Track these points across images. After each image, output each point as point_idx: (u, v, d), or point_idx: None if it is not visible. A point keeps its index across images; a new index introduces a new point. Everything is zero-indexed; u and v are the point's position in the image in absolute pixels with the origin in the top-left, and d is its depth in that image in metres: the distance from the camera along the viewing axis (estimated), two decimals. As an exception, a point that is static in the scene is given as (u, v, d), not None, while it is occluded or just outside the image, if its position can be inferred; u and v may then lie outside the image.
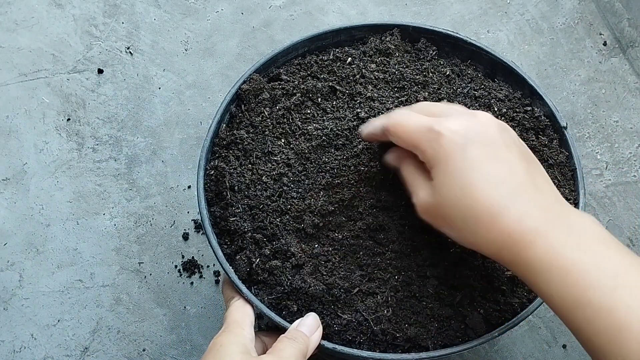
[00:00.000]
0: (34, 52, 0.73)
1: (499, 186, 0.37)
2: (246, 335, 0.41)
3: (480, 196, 0.37)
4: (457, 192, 0.37)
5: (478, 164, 0.37)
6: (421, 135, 0.40)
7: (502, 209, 0.36)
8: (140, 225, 0.63)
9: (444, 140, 0.38)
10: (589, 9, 0.76)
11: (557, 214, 0.37)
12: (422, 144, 0.39)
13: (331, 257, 0.46)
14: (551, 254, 0.35)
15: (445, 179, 0.38)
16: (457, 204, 0.37)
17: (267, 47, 0.74)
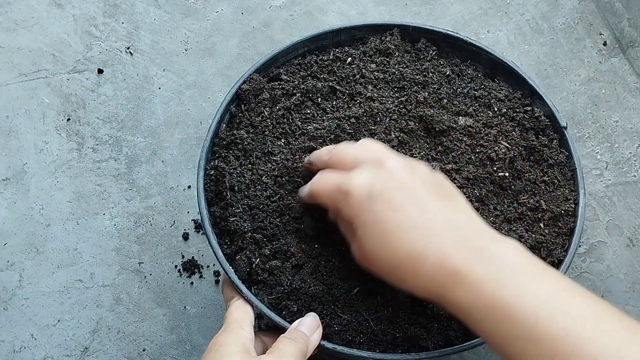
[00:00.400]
0: (34, 52, 0.73)
1: (413, 231, 0.37)
2: (246, 335, 0.41)
3: (398, 245, 0.37)
4: (375, 245, 0.38)
5: (387, 215, 0.38)
6: (334, 197, 0.41)
7: (420, 254, 0.37)
8: (140, 225, 0.63)
9: (351, 200, 0.39)
10: (589, 9, 0.76)
11: (475, 249, 0.37)
12: (337, 205, 0.41)
13: (331, 257, 0.46)
14: (475, 294, 0.35)
15: (363, 234, 0.39)
16: (379, 255, 0.38)
17: (267, 47, 0.74)
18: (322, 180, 0.43)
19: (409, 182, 0.39)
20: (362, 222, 0.39)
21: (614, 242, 0.62)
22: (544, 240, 0.47)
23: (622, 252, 0.62)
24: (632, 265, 0.61)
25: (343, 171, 0.42)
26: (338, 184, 0.41)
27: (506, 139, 0.51)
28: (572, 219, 0.48)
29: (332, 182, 0.42)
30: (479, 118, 0.52)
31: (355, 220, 0.39)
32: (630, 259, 0.62)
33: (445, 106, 0.52)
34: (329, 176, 0.43)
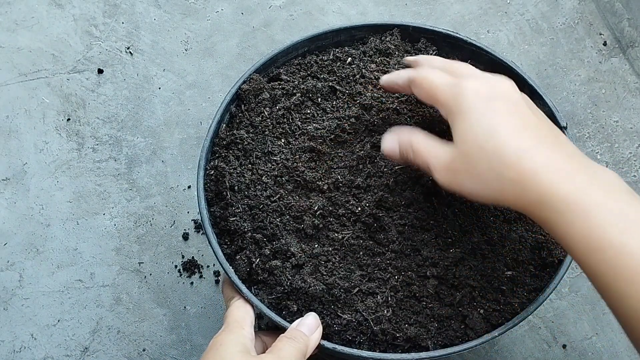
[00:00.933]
0: (34, 52, 0.73)
1: (525, 133, 0.38)
2: (246, 335, 0.41)
3: (507, 139, 0.37)
4: (482, 136, 0.38)
5: (503, 114, 0.38)
6: (445, 92, 0.41)
7: (528, 150, 0.37)
8: (140, 225, 0.63)
9: (468, 94, 0.39)
10: (589, 9, 0.76)
11: (583, 164, 0.37)
12: (447, 97, 0.40)
13: (331, 257, 0.46)
14: (577, 195, 0.35)
15: (470, 125, 0.38)
16: (483, 148, 0.38)
17: (267, 47, 0.74)
18: (432, 71, 0.43)
19: (523, 103, 0.40)
20: (473, 115, 0.38)
21: (614, 242, 0.62)
22: (544, 240, 0.47)
23: (622, 252, 0.62)
24: (632, 265, 0.61)
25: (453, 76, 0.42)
26: (455, 80, 0.41)
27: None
28: (572, 219, 0.48)
29: (445, 79, 0.42)
30: (479, 118, 0.52)
31: (465, 113, 0.39)
32: (630, 259, 0.61)
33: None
34: (442, 74, 0.42)
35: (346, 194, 0.48)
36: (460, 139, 0.39)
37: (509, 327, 0.44)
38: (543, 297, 0.45)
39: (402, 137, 0.44)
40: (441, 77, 0.42)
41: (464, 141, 0.39)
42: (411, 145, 0.43)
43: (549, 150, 0.37)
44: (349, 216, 0.47)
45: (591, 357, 0.57)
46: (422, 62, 0.47)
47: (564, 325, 0.58)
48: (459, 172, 0.40)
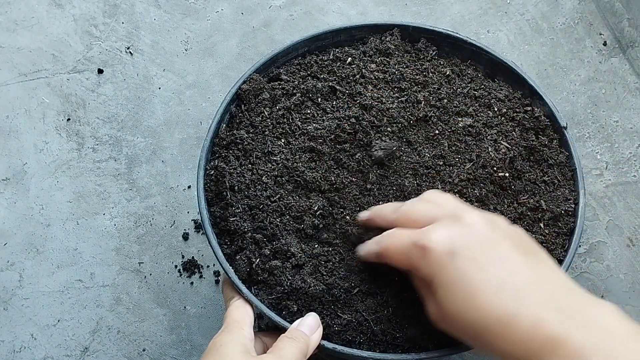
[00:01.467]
0: (34, 52, 0.73)
1: (501, 291, 0.35)
2: (246, 335, 0.41)
3: (485, 307, 0.35)
4: (460, 306, 0.36)
5: (472, 274, 0.36)
6: (410, 255, 0.39)
7: (511, 317, 0.34)
8: (140, 225, 0.63)
9: (430, 256, 0.37)
10: (589, 9, 0.76)
11: (573, 312, 0.34)
12: (413, 263, 0.39)
13: (331, 257, 0.46)
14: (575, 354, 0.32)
15: (444, 295, 0.37)
16: (464, 317, 0.36)
17: (267, 47, 0.74)
18: (392, 237, 0.41)
19: (491, 237, 0.37)
20: (444, 281, 0.36)
21: (614, 242, 0.62)
22: (544, 240, 0.47)
23: (622, 252, 0.62)
24: (632, 265, 0.61)
25: (414, 229, 0.39)
26: (414, 240, 0.38)
27: (506, 139, 0.51)
28: (572, 219, 0.48)
29: (405, 239, 0.39)
30: (479, 118, 0.52)
31: (436, 279, 0.37)
32: (630, 259, 0.62)
33: (445, 106, 0.52)
34: (401, 233, 0.40)
35: (348, 194, 0.48)
36: (441, 305, 0.37)
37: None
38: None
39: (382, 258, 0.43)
40: (402, 241, 0.40)
41: (444, 308, 0.37)
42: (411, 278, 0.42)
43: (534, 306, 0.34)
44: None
45: (591, 357, 0.57)
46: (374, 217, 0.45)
47: None
48: (450, 329, 0.38)
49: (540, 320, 0.33)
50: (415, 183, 0.48)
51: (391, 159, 0.49)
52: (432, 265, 0.37)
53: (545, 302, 0.34)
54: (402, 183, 0.48)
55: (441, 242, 0.37)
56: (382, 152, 0.48)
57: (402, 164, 0.49)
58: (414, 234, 0.39)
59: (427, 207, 0.41)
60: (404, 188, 0.48)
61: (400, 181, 0.48)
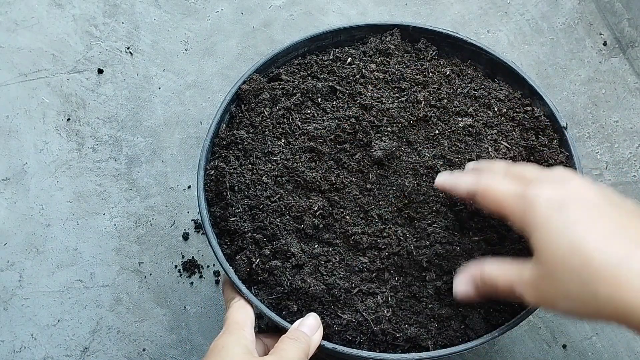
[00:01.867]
0: (34, 52, 0.73)
1: (612, 239, 0.34)
2: (247, 337, 0.41)
3: (594, 250, 0.33)
4: (566, 251, 0.34)
5: (583, 221, 0.35)
6: (513, 203, 0.38)
7: (622, 261, 0.32)
8: (140, 225, 0.63)
9: (539, 205, 0.36)
10: (589, 9, 0.76)
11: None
12: (515, 212, 0.38)
13: (331, 257, 0.46)
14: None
15: (549, 241, 0.35)
16: (569, 264, 0.34)
17: (267, 47, 0.74)
18: (496, 181, 0.40)
19: (601, 201, 0.36)
20: (551, 228, 0.35)
21: (614, 242, 0.62)
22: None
23: (622, 252, 0.62)
24: (632, 265, 0.61)
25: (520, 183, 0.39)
26: (521, 191, 0.37)
27: (506, 139, 0.51)
28: (572, 219, 0.48)
29: (512, 187, 0.38)
30: (479, 118, 0.52)
31: (541, 228, 0.36)
32: (630, 259, 0.61)
33: (445, 106, 0.52)
34: (507, 182, 0.39)
35: (348, 194, 0.48)
36: (542, 257, 0.36)
37: (509, 327, 0.44)
38: (543, 297, 0.45)
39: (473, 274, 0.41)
40: (507, 187, 0.39)
41: (546, 259, 0.35)
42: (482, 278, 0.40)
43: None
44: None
45: (591, 357, 0.57)
46: (483, 168, 0.44)
47: (564, 325, 0.58)
48: (548, 292, 0.36)
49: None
50: (415, 183, 0.48)
51: (391, 159, 0.49)
52: (537, 215, 0.36)
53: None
54: (402, 183, 0.48)
55: (550, 198, 0.36)
56: (382, 152, 0.48)
57: (402, 164, 0.49)
58: (519, 186, 0.38)
59: (540, 171, 0.40)
60: (404, 188, 0.48)
61: (400, 181, 0.48)
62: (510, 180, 0.40)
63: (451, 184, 0.44)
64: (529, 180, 0.39)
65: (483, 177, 0.42)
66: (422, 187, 0.48)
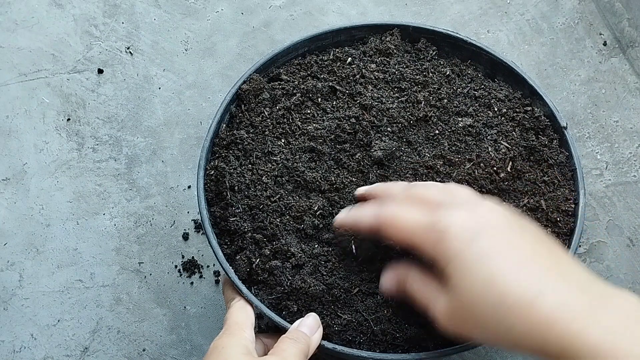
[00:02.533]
0: (34, 52, 0.73)
1: (525, 271, 0.33)
2: (248, 337, 0.41)
3: (509, 284, 0.33)
4: (480, 286, 0.34)
5: (496, 253, 0.34)
6: (423, 234, 0.36)
7: (537, 293, 0.32)
8: (140, 225, 0.63)
9: (450, 239, 0.35)
10: (589, 9, 0.76)
11: (598, 296, 0.33)
12: (426, 243, 0.36)
13: (331, 257, 0.46)
14: (605, 343, 0.30)
15: (464, 275, 0.34)
16: (483, 299, 0.34)
17: (267, 47, 0.74)
18: (402, 209, 0.38)
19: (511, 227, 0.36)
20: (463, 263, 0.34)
21: (614, 242, 0.62)
22: (544, 240, 0.47)
23: (622, 252, 0.62)
24: (632, 265, 0.61)
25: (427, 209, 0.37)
26: (429, 220, 0.36)
27: (506, 139, 0.51)
28: (572, 219, 0.48)
29: (417, 216, 0.37)
30: (479, 118, 0.52)
31: (454, 261, 0.35)
32: (630, 259, 0.62)
33: (445, 106, 0.52)
34: (412, 210, 0.37)
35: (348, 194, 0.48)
36: (457, 290, 0.35)
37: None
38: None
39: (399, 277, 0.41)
40: (413, 215, 0.37)
41: (461, 293, 0.35)
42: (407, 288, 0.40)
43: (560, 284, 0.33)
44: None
45: (591, 357, 0.57)
46: (380, 194, 0.42)
47: None
48: (463, 323, 0.36)
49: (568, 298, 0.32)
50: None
51: (391, 159, 0.49)
52: (450, 249, 0.35)
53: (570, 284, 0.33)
54: (402, 183, 0.48)
55: (463, 224, 0.35)
56: (382, 152, 0.48)
57: (402, 164, 0.49)
58: (429, 213, 0.37)
59: (444, 193, 0.39)
60: (404, 188, 0.48)
61: (400, 181, 0.48)
62: (414, 207, 0.38)
63: (352, 220, 0.42)
64: (435, 205, 0.38)
65: (384, 207, 0.39)
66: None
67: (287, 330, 0.42)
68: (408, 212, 0.38)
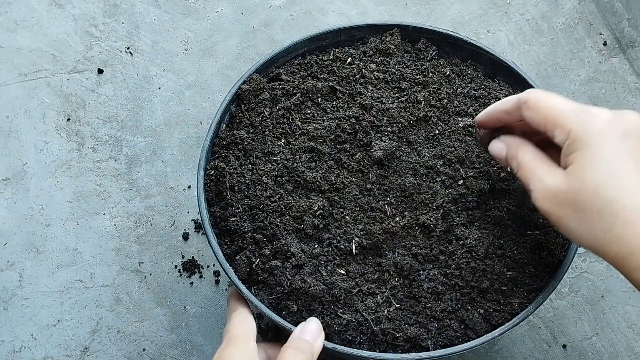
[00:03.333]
0: (34, 52, 0.73)
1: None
2: (252, 349, 0.40)
3: (630, 190, 0.34)
4: (603, 180, 0.34)
5: (631, 159, 0.34)
6: (571, 114, 0.37)
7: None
8: (140, 225, 0.63)
9: (600, 124, 0.35)
10: (589, 9, 0.76)
11: None
12: (570, 123, 0.36)
13: (331, 257, 0.46)
14: None
15: (592, 163, 0.35)
16: (600, 192, 0.34)
17: (267, 47, 0.74)
18: (551, 94, 0.38)
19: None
20: (601, 151, 0.34)
21: (614, 242, 0.62)
22: (544, 240, 0.47)
23: (622, 252, 0.62)
24: (632, 265, 0.61)
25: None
26: (583, 106, 0.37)
27: (506, 139, 0.51)
28: (572, 219, 0.48)
29: (571, 103, 0.37)
30: (479, 118, 0.52)
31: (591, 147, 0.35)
32: (630, 259, 0.61)
33: (445, 106, 0.52)
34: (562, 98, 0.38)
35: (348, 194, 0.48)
36: (577, 173, 0.35)
37: (509, 327, 0.44)
38: (543, 297, 0.45)
39: (510, 145, 0.41)
40: (564, 101, 0.38)
41: (580, 177, 0.35)
42: (516, 157, 0.40)
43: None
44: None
45: (591, 357, 0.57)
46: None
47: (564, 325, 0.58)
48: (563, 207, 0.36)
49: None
50: (415, 183, 0.48)
51: (391, 159, 0.49)
52: (594, 132, 0.35)
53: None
54: (402, 183, 0.48)
55: (612, 120, 0.36)
56: (382, 152, 0.48)
57: (402, 164, 0.49)
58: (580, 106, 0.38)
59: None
60: (404, 188, 0.48)
61: (400, 181, 0.48)
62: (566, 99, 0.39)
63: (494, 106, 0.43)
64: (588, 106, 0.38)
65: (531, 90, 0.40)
66: (423, 187, 0.48)
67: (288, 333, 0.42)
68: (558, 97, 0.39)
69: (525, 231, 0.47)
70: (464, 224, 0.47)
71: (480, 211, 0.48)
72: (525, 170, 0.40)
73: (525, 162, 0.40)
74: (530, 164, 0.39)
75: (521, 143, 0.41)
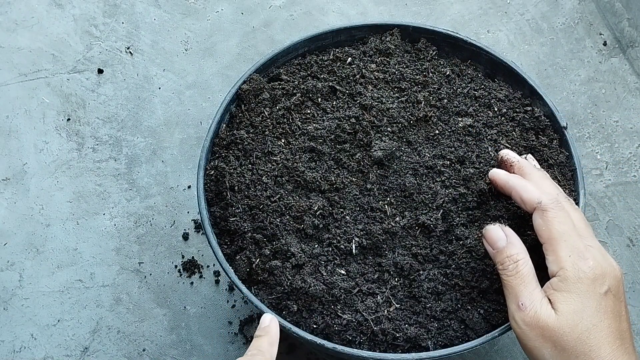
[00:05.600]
0: (34, 52, 0.73)
1: (617, 342, 0.40)
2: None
3: (605, 342, 0.39)
4: (587, 330, 0.39)
5: (609, 314, 0.40)
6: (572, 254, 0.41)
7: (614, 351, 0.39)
8: (140, 225, 0.63)
9: (590, 275, 0.40)
10: (589, 9, 0.76)
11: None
12: (567, 263, 0.40)
13: (331, 257, 0.46)
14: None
15: (581, 313, 0.39)
16: (584, 340, 0.39)
17: (267, 47, 0.74)
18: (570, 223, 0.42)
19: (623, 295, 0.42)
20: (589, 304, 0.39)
21: (614, 242, 0.62)
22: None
23: (622, 252, 0.62)
24: (632, 265, 0.61)
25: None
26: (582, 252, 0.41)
27: (506, 139, 0.51)
28: (572, 219, 0.48)
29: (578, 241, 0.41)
30: (479, 118, 0.52)
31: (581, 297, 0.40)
32: (630, 259, 0.62)
33: (445, 106, 0.52)
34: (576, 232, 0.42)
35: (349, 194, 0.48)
36: (567, 317, 0.39)
37: (509, 327, 0.44)
38: (543, 297, 0.45)
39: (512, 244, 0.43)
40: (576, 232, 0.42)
41: (569, 322, 0.39)
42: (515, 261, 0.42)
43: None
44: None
45: (591, 357, 0.57)
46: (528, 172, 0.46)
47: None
48: (546, 341, 0.40)
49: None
50: (415, 183, 0.48)
51: (391, 159, 0.49)
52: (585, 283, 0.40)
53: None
54: (402, 183, 0.48)
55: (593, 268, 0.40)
56: (382, 152, 0.48)
57: (402, 164, 0.49)
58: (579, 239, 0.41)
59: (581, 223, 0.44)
60: (404, 188, 0.48)
61: (400, 181, 0.48)
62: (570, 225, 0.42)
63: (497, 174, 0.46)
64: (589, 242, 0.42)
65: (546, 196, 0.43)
66: (422, 187, 0.48)
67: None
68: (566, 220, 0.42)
69: (525, 231, 0.46)
70: (464, 224, 0.47)
71: (480, 211, 0.48)
72: (519, 283, 0.42)
73: (522, 274, 0.42)
74: (527, 280, 0.41)
75: (522, 250, 0.43)
